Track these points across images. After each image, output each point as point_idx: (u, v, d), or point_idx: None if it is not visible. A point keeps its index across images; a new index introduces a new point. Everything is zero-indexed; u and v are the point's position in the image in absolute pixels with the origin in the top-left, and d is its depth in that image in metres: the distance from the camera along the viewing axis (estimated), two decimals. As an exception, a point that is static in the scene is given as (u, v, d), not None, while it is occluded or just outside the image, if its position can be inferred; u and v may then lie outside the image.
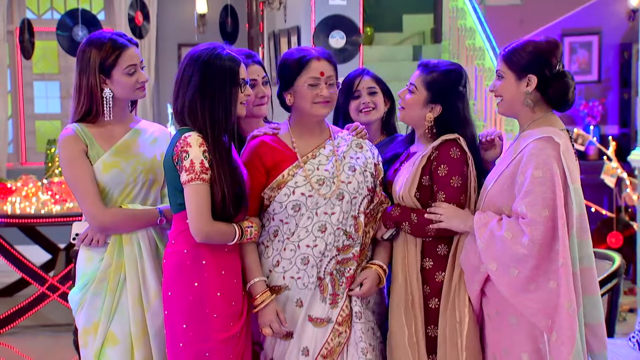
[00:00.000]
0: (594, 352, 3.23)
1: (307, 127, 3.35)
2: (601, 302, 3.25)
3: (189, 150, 3.05)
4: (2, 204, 6.86)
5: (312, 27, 7.13)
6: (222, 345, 3.12)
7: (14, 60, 9.52)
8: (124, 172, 3.33)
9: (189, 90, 3.10)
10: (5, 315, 6.73)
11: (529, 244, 3.06)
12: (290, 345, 3.26)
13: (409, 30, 9.82)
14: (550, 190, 3.08)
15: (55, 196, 6.84)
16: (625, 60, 9.07)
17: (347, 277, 3.29)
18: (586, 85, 9.19)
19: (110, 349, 3.29)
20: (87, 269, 3.36)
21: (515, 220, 3.12)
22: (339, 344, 3.26)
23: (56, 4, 9.79)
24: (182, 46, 9.65)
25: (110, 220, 3.29)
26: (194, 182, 3.04)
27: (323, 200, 3.25)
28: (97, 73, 3.29)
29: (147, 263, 3.31)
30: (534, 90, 3.23)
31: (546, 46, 3.23)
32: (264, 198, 3.28)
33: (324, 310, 3.26)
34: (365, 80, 3.86)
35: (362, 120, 3.80)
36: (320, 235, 3.25)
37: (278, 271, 3.26)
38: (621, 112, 9.17)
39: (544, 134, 3.17)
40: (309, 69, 3.26)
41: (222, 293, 3.13)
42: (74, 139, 3.31)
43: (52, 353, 6.27)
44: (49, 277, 6.81)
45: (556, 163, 3.11)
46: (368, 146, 3.45)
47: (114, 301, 3.31)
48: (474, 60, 8.00)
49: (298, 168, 3.27)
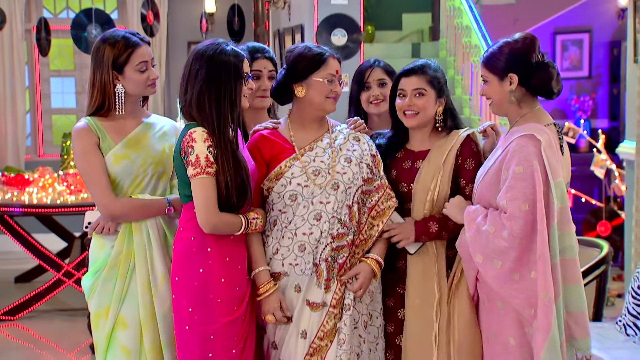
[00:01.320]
0: (576, 339, 3.23)
1: (307, 120, 3.36)
2: (584, 291, 3.25)
3: (194, 146, 3.06)
4: (20, 194, 6.88)
5: (315, 25, 7.13)
6: (226, 328, 3.13)
7: (31, 57, 9.52)
8: (134, 163, 3.34)
9: (196, 84, 3.11)
10: (24, 300, 6.78)
11: (509, 237, 3.08)
12: (290, 329, 3.27)
13: (408, 28, 9.81)
14: (531, 185, 3.09)
15: (71, 187, 6.86)
16: (615, 57, 9.06)
17: (339, 264, 3.30)
18: (577, 81, 9.19)
19: (120, 332, 3.31)
20: (99, 256, 3.37)
21: (498, 214, 3.14)
22: (334, 326, 3.27)
23: (71, 4, 9.79)
24: (191, 44, 9.64)
25: (120, 209, 3.30)
26: (200, 176, 3.06)
27: (318, 190, 3.27)
28: (110, 69, 3.30)
29: (155, 250, 3.32)
30: (517, 87, 3.23)
31: (521, 45, 3.23)
32: (263, 189, 3.30)
33: (319, 294, 3.27)
34: (375, 72, 3.84)
35: (372, 111, 3.82)
36: (316, 223, 3.26)
37: (277, 258, 3.28)
38: (610, 106, 9.16)
39: (526, 132, 3.17)
40: (327, 66, 3.29)
41: (225, 279, 3.14)
42: (86, 132, 3.32)
43: (68, 336, 6.29)
44: (64, 264, 6.84)
45: (537, 159, 3.11)
46: (365, 139, 3.45)
47: (124, 287, 3.32)
48: (470, 57, 8.00)
49: (295, 160, 3.29)
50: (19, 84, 9.27)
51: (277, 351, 3.30)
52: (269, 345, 3.33)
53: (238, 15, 8.86)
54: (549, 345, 3.06)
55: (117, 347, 3.30)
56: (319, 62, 3.28)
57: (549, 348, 3.06)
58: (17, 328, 6.60)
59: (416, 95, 3.35)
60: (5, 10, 8.52)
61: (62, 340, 6.25)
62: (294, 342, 3.26)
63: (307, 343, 3.25)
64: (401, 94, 3.38)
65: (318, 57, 3.28)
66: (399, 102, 3.38)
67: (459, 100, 8.34)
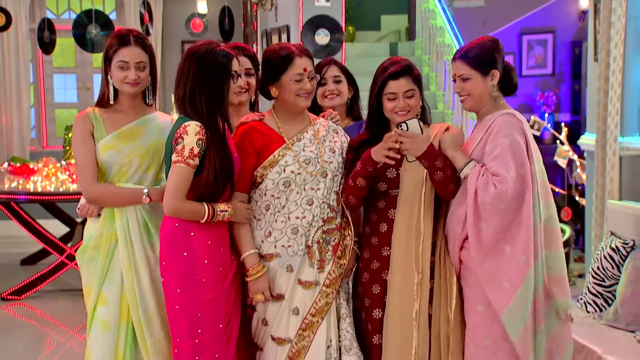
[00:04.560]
0: (557, 299, 3.25)
1: (290, 114, 3.34)
2: (564, 256, 3.29)
3: (184, 137, 3.06)
4: (25, 183, 6.84)
5: (300, 25, 7.11)
6: (212, 304, 3.13)
7: (35, 55, 9.45)
8: (120, 154, 3.32)
9: (188, 81, 3.11)
10: (29, 281, 6.75)
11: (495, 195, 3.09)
12: (282, 306, 3.26)
13: (386, 29, 9.81)
14: (518, 154, 3.13)
15: (73, 176, 6.83)
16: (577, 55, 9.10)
17: (333, 246, 3.30)
18: (542, 78, 9.22)
19: (101, 308, 3.31)
20: (86, 236, 3.40)
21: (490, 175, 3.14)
22: (327, 304, 3.27)
23: (73, 5, 9.71)
24: (184, 43, 9.59)
25: (97, 194, 3.31)
26: (179, 164, 3.05)
27: (310, 177, 3.26)
28: (105, 62, 3.33)
29: (135, 235, 3.30)
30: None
31: (496, 44, 3.28)
32: (257, 176, 3.27)
33: (312, 274, 3.27)
34: (331, 69, 3.86)
35: (327, 105, 3.82)
36: (308, 208, 3.25)
37: (270, 241, 3.26)
38: (572, 101, 9.20)
39: (508, 111, 3.24)
40: (293, 65, 3.24)
41: (209, 260, 3.13)
42: (83, 119, 3.34)
43: (70, 314, 6.26)
44: (67, 247, 6.81)
45: (520, 134, 3.17)
46: (341, 132, 3.46)
47: (105, 266, 3.32)
48: (444, 55, 8.01)
49: (287, 149, 3.27)
50: (24, 80, 9.21)
51: (267, 327, 3.29)
52: (258, 322, 3.32)
53: (228, 16, 8.82)
54: (516, 301, 3.09)
55: (97, 321, 3.31)
56: (285, 63, 3.23)
57: (516, 303, 3.09)
58: (23, 307, 6.58)
59: (408, 97, 3.27)
60: (10, 11, 8.45)
61: (65, 318, 6.23)
62: (286, 318, 3.26)
63: (299, 319, 3.25)
64: (392, 96, 3.27)
65: (284, 59, 3.24)
66: (391, 104, 3.26)
67: (433, 96, 8.34)
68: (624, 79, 5.19)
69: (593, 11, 5.69)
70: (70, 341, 5.74)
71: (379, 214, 3.33)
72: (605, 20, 5.18)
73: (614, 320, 4.33)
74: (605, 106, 5.25)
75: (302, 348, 3.24)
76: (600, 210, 5.29)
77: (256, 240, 3.28)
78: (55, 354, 5.55)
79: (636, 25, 5.17)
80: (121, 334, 3.31)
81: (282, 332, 3.26)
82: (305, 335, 3.24)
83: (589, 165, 5.76)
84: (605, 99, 5.25)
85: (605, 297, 4.42)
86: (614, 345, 4.08)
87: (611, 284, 4.40)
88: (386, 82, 3.27)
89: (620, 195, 5.21)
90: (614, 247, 4.43)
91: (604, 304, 4.42)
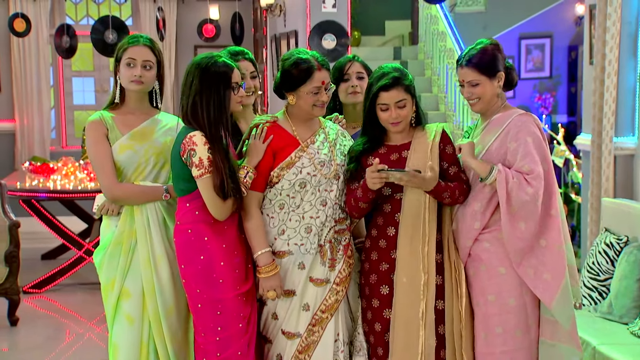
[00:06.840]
0: (572, 287, 3.24)
1: (303, 119, 3.32)
2: (572, 247, 3.29)
3: (196, 149, 3.04)
4: (45, 181, 6.86)
5: (308, 31, 7.10)
6: (231, 303, 3.13)
7: (55, 59, 9.47)
8: (137, 153, 3.32)
9: (191, 94, 3.09)
10: (49, 275, 6.78)
11: (533, 194, 3.09)
12: (293, 302, 3.24)
13: (390, 33, 9.80)
14: (544, 151, 3.16)
15: (90, 175, 6.84)
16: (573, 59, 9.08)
17: (344, 245, 3.30)
18: (540, 81, 9.20)
19: (124, 302, 3.29)
20: (105, 234, 3.37)
21: (522, 175, 3.12)
22: (336, 301, 3.26)
23: (91, 11, 9.72)
24: (197, 47, 9.59)
25: (121, 193, 3.29)
26: (206, 176, 3.05)
27: (324, 179, 3.24)
28: (115, 62, 3.33)
29: (154, 231, 3.30)
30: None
31: (497, 47, 3.28)
32: (273, 176, 3.24)
33: (323, 272, 3.25)
34: (354, 66, 3.75)
35: (349, 101, 3.72)
36: (322, 208, 3.24)
37: (283, 239, 3.24)
38: (569, 103, 9.18)
39: (521, 111, 3.26)
40: (312, 79, 3.21)
41: (225, 262, 3.13)
42: (96, 124, 3.32)
43: (89, 307, 6.29)
44: (85, 243, 6.84)
45: (538, 129, 3.20)
46: (348, 137, 3.45)
47: (127, 262, 3.30)
48: (446, 59, 7.99)
49: (302, 151, 3.25)
50: (45, 83, 9.23)
51: (277, 321, 3.28)
52: (268, 315, 3.30)
53: (239, 22, 8.83)
54: (563, 290, 3.09)
55: (122, 315, 3.29)
56: (305, 77, 3.20)
57: (563, 292, 3.09)
58: (44, 300, 6.61)
59: (399, 107, 3.23)
60: (31, 17, 8.46)
61: (83, 310, 6.26)
62: (297, 314, 3.24)
63: (309, 315, 3.23)
64: (384, 107, 3.23)
65: (305, 73, 3.20)
66: (385, 115, 3.23)
67: (435, 98, 8.33)
68: (618, 81, 5.17)
69: (589, 17, 5.67)
70: (89, 332, 5.76)
71: (385, 218, 3.29)
72: (601, 26, 5.16)
73: (608, 312, 4.32)
74: (600, 107, 5.23)
75: (312, 342, 3.23)
76: (595, 208, 5.27)
77: (268, 237, 3.24)
78: (74, 344, 5.57)
79: (630, 30, 5.15)
80: (145, 327, 3.30)
81: (293, 327, 3.25)
82: (315, 330, 3.23)
83: (585, 164, 5.74)
84: (600, 101, 5.23)
85: (600, 290, 4.41)
86: (608, 337, 4.08)
87: (606, 278, 4.39)
88: (377, 94, 3.23)
89: (615, 193, 5.20)
90: (609, 242, 4.42)
91: (598, 297, 4.41)
